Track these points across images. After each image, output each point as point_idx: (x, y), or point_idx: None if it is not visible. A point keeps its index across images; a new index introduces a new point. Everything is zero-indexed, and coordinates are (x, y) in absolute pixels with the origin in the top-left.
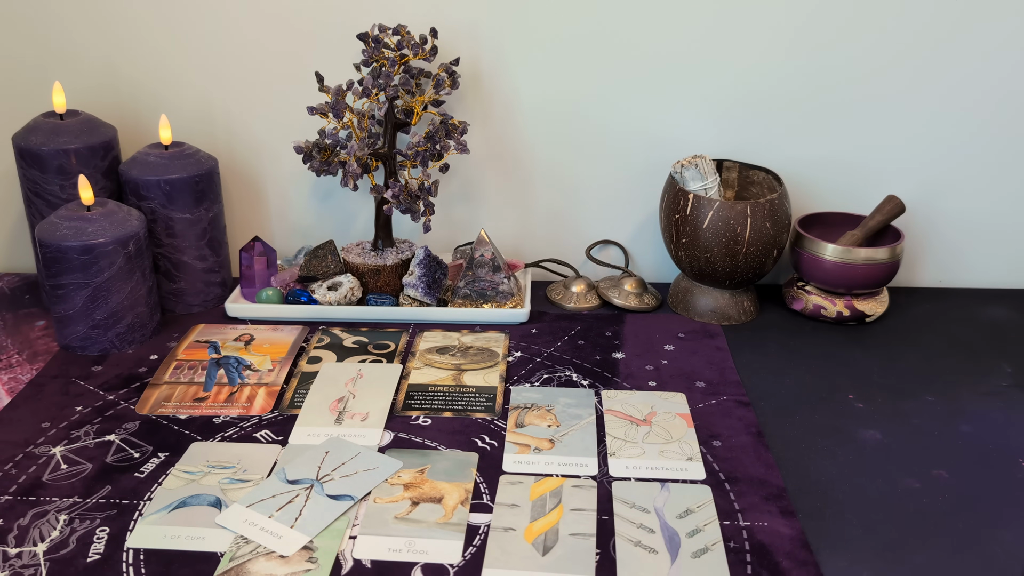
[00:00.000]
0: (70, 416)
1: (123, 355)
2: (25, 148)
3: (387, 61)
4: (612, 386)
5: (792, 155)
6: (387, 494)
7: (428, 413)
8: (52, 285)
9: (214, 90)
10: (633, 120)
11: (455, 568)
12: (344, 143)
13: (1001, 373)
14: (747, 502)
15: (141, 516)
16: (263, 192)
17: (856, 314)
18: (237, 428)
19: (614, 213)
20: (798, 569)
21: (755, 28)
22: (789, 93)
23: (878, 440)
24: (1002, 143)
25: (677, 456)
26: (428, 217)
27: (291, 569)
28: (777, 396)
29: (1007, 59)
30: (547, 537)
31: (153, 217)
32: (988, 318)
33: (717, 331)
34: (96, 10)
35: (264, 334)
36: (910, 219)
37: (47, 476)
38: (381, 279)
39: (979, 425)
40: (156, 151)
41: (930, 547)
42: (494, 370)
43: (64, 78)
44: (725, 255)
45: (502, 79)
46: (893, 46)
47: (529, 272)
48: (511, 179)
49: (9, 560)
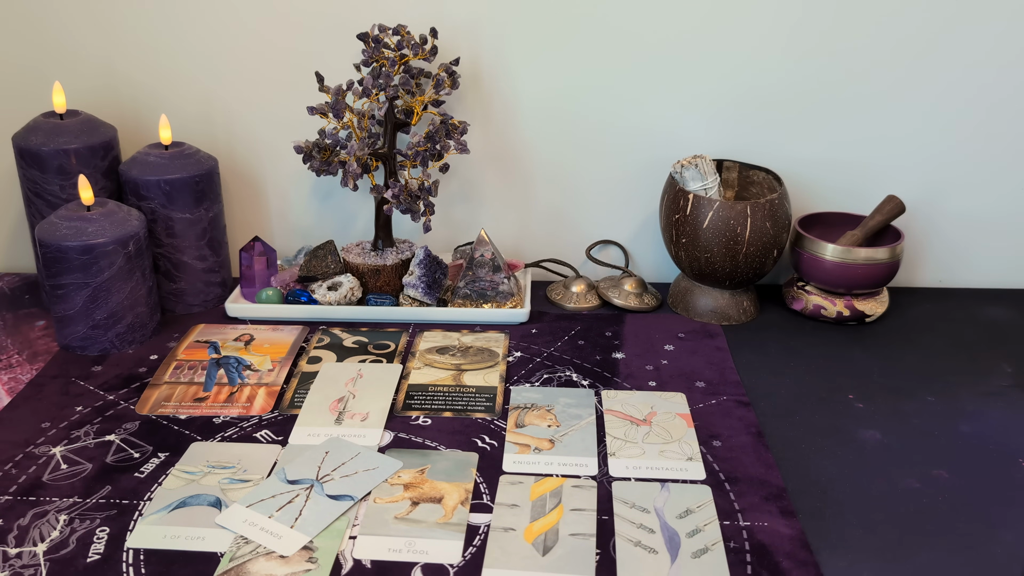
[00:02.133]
0: (70, 416)
1: (123, 355)
2: (25, 148)
3: (387, 61)
4: (612, 386)
5: (792, 155)
6: (387, 494)
7: (428, 413)
8: (52, 285)
9: (214, 90)
10: (633, 120)
11: (455, 568)
12: (344, 143)
13: (1001, 373)
14: (747, 502)
15: (141, 516)
16: (263, 192)
17: (856, 314)
18: (237, 428)
19: (614, 213)
20: (798, 569)
21: (755, 28)
22: (789, 93)
23: (878, 440)
24: (1002, 143)
25: (677, 456)
26: (428, 217)
27: (291, 569)
28: (777, 396)
29: (1007, 59)
30: (547, 537)
31: (153, 217)
32: (988, 318)
33: (717, 331)
34: (96, 10)
35: (264, 334)
36: (910, 219)
37: (47, 476)
38: (381, 279)
39: (979, 425)
40: (156, 151)
41: (930, 547)
42: (494, 370)
43: (64, 78)
44: (725, 255)
45: (502, 79)
46: (893, 46)
47: (529, 272)
48: (511, 179)
49: (9, 560)
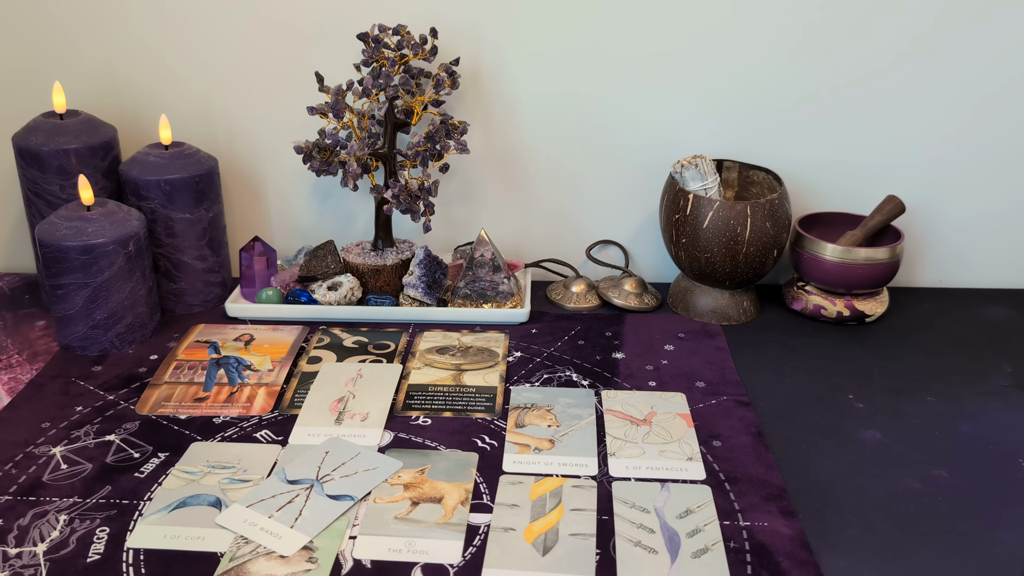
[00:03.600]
0: (70, 416)
1: (123, 355)
2: (25, 148)
3: (387, 61)
4: (612, 386)
5: (792, 155)
6: (387, 494)
7: (428, 413)
8: (52, 285)
9: (214, 90)
10: (633, 120)
11: (455, 568)
12: (344, 143)
13: (1001, 373)
14: (747, 502)
15: (141, 516)
16: (263, 192)
17: (856, 314)
18: (237, 428)
19: (614, 213)
20: (798, 569)
21: (755, 28)
22: (789, 93)
23: (878, 440)
24: (1002, 143)
25: (677, 456)
26: (428, 217)
27: (291, 569)
28: (777, 396)
29: (1007, 59)
30: (547, 537)
31: (153, 217)
32: (988, 318)
33: (717, 331)
34: (96, 11)
35: (264, 334)
36: (910, 219)
37: (47, 476)
38: (381, 279)
39: (979, 425)
40: (156, 151)
41: (930, 547)
42: (494, 370)
43: (64, 78)
44: (725, 255)
45: (502, 79)
46: (893, 46)
47: (529, 272)
48: (511, 179)
49: (9, 560)
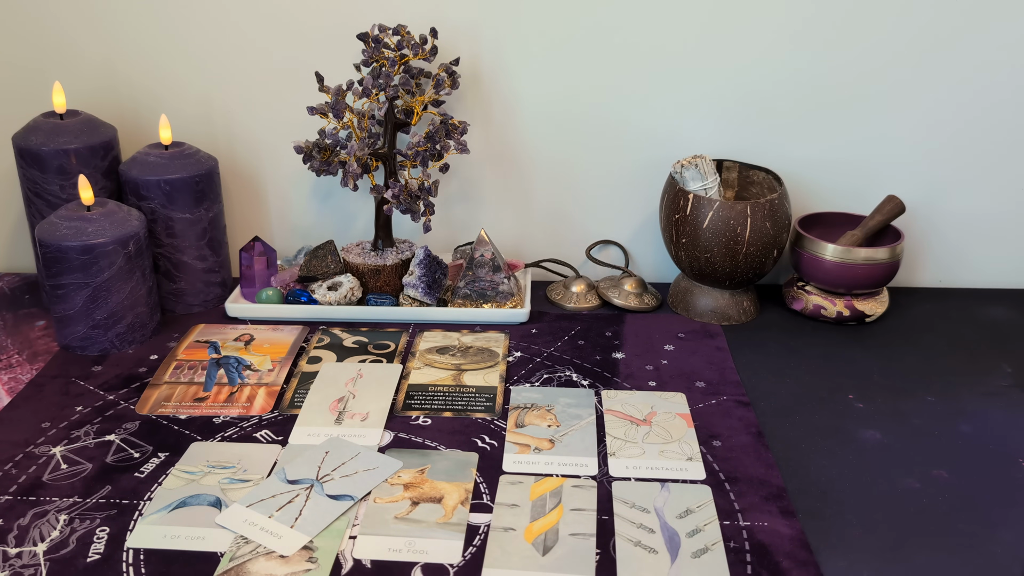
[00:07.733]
0: (70, 416)
1: (123, 355)
2: (25, 148)
3: (387, 61)
4: (612, 386)
5: (792, 155)
6: (387, 494)
7: (428, 413)
8: (52, 285)
9: (214, 90)
10: (633, 120)
11: (455, 568)
12: (344, 143)
13: (1001, 373)
14: (747, 502)
15: (141, 516)
16: (263, 192)
17: (856, 314)
18: (237, 428)
19: (614, 213)
20: (798, 569)
21: (755, 28)
22: (789, 93)
23: (878, 440)
24: (1002, 143)
25: (677, 456)
26: (428, 217)
27: (291, 569)
28: (777, 396)
29: (1007, 59)
30: (547, 537)
31: (153, 217)
32: (988, 318)
33: (717, 331)
34: (96, 10)
35: (264, 334)
36: (910, 219)
37: (47, 476)
38: (381, 279)
39: (979, 425)
40: (156, 151)
41: (930, 547)
42: (494, 370)
43: (64, 78)
44: (725, 255)
45: (502, 79)
46: (893, 46)
47: (529, 272)
48: (511, 179)
49: (9, 560)
